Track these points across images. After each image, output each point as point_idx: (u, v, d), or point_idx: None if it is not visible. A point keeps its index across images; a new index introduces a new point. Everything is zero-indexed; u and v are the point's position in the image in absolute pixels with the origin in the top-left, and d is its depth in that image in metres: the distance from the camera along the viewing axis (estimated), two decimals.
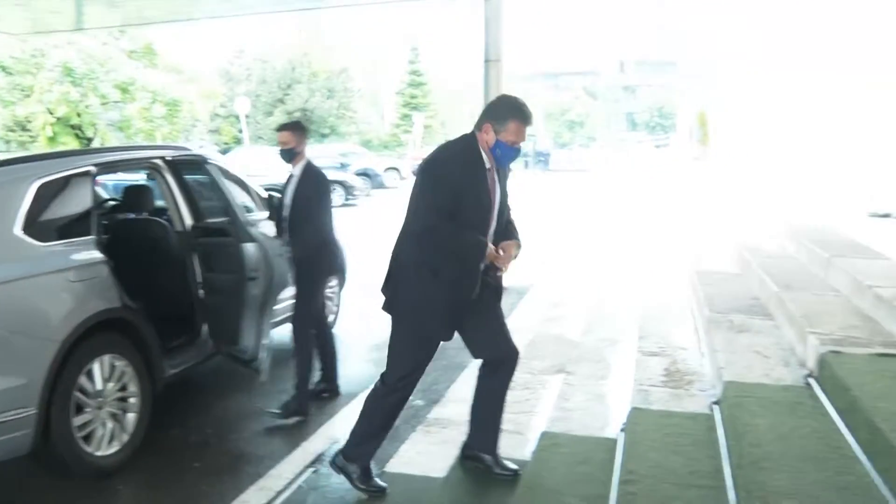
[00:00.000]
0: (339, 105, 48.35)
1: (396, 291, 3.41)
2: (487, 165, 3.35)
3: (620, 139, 57.39)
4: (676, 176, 25.23)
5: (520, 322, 6.29)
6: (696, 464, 3.14)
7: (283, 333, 5.21)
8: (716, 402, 3.73)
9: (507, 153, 3.34)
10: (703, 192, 17.13)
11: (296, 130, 4.77)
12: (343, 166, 25.26)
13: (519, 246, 3.41)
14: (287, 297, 4.94)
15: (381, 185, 27.44)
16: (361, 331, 6.72)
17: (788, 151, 13.30)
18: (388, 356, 3.50)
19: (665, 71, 56.22)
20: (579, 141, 58.59)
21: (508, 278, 3.63)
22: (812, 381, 3.68)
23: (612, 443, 3.59)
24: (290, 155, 4.73)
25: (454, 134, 3.47)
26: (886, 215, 8.18)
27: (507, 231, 3.46)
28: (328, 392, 5.02)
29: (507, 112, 3.31)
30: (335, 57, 51.31)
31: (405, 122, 51.46)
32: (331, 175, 5.23)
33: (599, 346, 5.52)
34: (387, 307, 3.46)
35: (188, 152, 5.38)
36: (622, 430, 3.64)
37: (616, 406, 4.15)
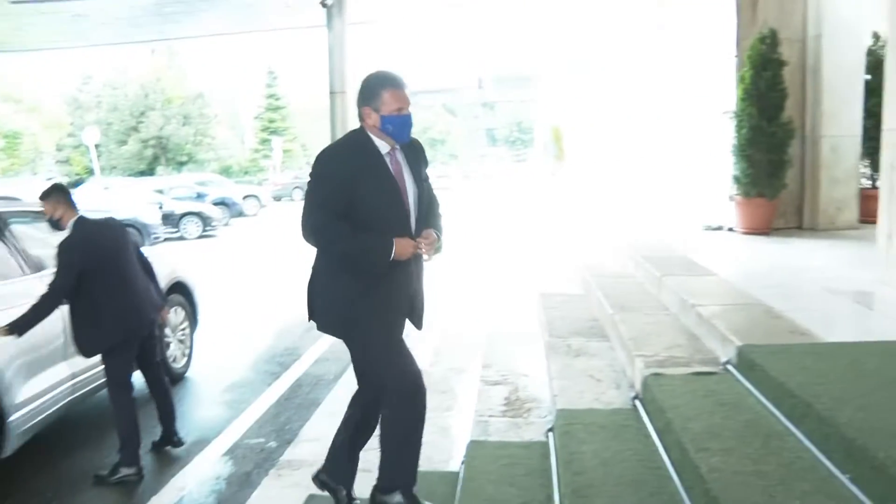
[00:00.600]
0: (197, 131, 47.13)
1: (321, 304, 3.28)
2: (384, 150, 3.22)
3: (482, 155, 58.77)
4: (533, 192, 26.05)
5: None
6: (528, 494, 3.27)
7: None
8: (550, 430, 3.89)
9: (399, 124, 3.19)
10: (556, 210, 17.77)
11: (50, 198, 4.42)
12: (200, 196, 24.67)
13: (438, 237, 3.29)
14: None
15: (240, 214, 27.01)
16: (214, 373, 6.61)
17: (634, 168, 14.03)
18: (360, 370, 3.36)
19: (522, 86, 57.95)
20: (441, 158, 59.52)
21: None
22: (638, 403, 3.91)
23: (455, 476, 3.69)
24: (55, 224, 4.44)
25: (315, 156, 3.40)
26: (719, 228, 8.76)
27: (428, 223, 3.31)
28: (170, 443, 4.87)
29: (376, 86, 3.20)
30: (190, 82, 49.99)
31: (265, 147, 50.68)
32: (187, 206, 5.11)
33: (447, 376, 5.65)
34: (323, 325, 3.31)
35: None
36: (462, 463, 3.75)
37: (460, 438, 4.26)
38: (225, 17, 19.29)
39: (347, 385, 5.05)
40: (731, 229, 8.53)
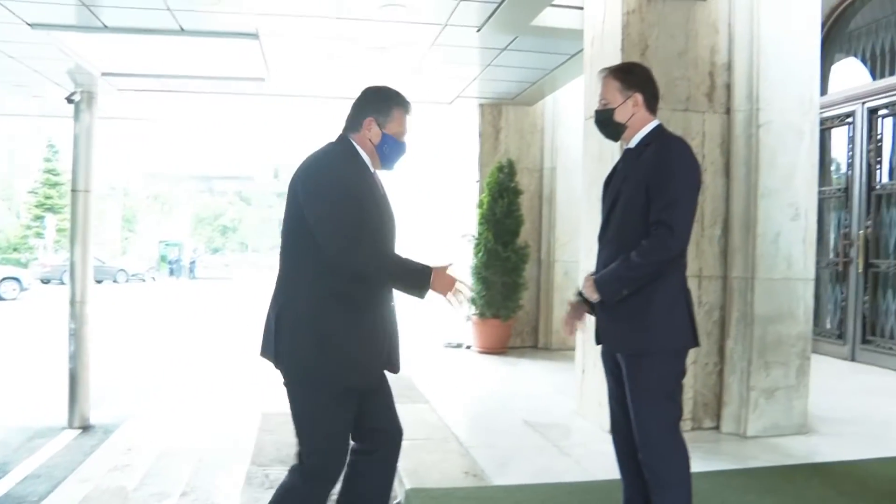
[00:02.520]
0: None
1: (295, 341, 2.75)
2: (372, 170, 2.90)
3: (273, 246, 57.83)
4: None
5: (85, 471, 5.75)
6: None
7: None
8: None
9: (395, 149, 2.89)
10: None
11: None
12: None
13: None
14: None
15: None
16: None
17: None
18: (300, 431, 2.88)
19: None
20: (231, 247, 58.03)
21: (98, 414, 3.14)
22: None
23: None
24: None
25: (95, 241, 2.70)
26: (459, 345, 8.94)
27: None
28: None
29: (389, 101, 2.90)
30: None
31: (38, 224, 47.08)
32: None
33: (148, 503, 5.20)
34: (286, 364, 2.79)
35: None
36: None
37: None
38: None
39: None
40: (468, 347, 8.73)
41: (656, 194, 2.77)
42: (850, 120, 7.91)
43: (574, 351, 8.61)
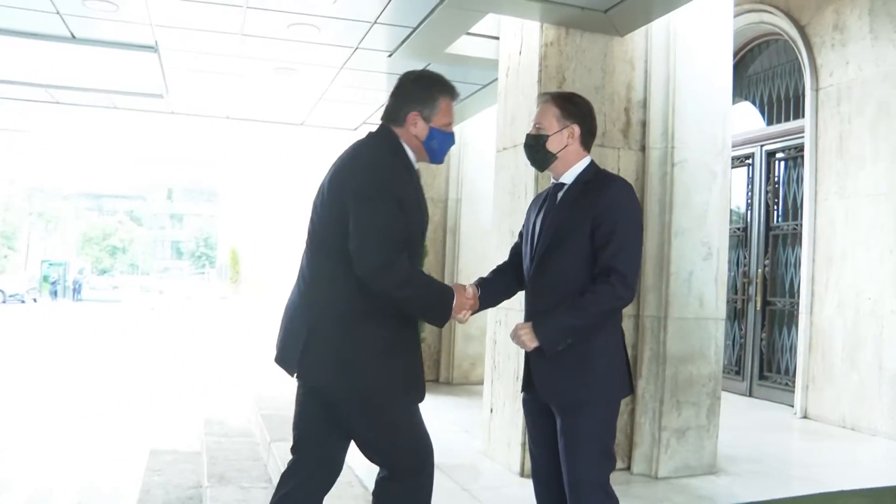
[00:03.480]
0: None
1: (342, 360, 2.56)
2: (416, 166, 2.72)
3: (165, 268, 55.94)
4: (205, 315, 24.84)
5: None
6: None
7: None
8: None
9: (444, 142, 2.71)
10: (221, 338, 16.88)
11: None
12: None
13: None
14: None
15: None
16: None
17: None
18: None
19: (211, 200, 56.80)
20: (120, 268, 55.69)
21: None
22: None
23: None
24: None
25: None
26: None
27: None
28: None
29: (432, 89, 2.67)
30: None
31: None
32: None
33: None
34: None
35: None
36: None
37: None
38: None
39: None
40: None
41: (605, 239, 2.60)
42: (749, 161, 8.12)
43: (477, 386, 8.49)
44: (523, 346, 2.67)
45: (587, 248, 2.62)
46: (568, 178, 2.78)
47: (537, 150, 2.77)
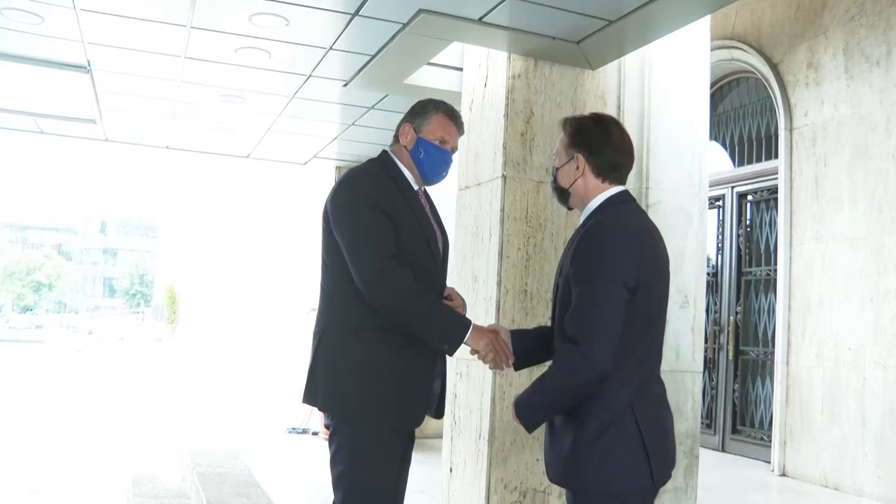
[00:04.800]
0: None
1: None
2: (416, 187, 2.73)
3: (95, 307, 54.57)
4: (136, 359, 24.10)
5: None
6: None
7: None
8: None
9: (433, 156, 2.72)
10: (153, 385, 16.31)
11: None
12: None
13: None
14: None
15: None
16: None
17: (239, 351, 13.39)
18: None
19: (149, 234, 55.84)
20: (46, 306, 54.17)
21: None
22: None
23: None
24: None
25: None
26: (304, 431, 8.35)
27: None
28: None
29: (428, 106, 2.76)
30: None
31: None
32: None
33: None
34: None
35: None
36: None
37: None
38: None
39: None
40: (315, 433, 8.18)
41: (572, 297, 2.30)
42: (719, 203, 8.13)
43: (434, 440, 8.24)
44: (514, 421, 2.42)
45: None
46: (582, 216, 2.50)
47: (553, 186, 2.55)
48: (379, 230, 2.54)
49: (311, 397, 2.70)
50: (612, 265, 2.24)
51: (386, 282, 2.50)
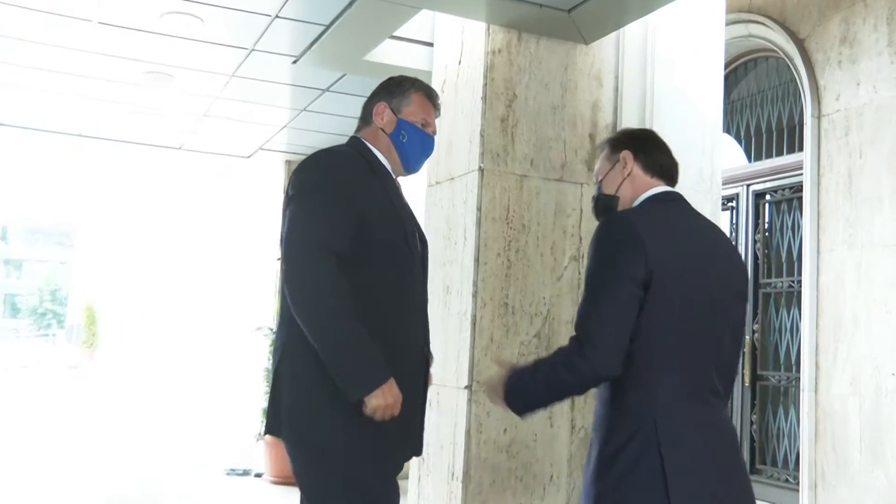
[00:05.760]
0: None
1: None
2: (393, 175, 2.81)
3: None
4: (45, 390, 23.86)
5: None
6: None
7: None
8: None
9: (416, 140, 2.79)
10: (65, 420, 16.12)
11: None
12: None
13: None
14: None
15: None
16: None
17: (169, 379, 13.29)
18: None
19: (63, 243, 55.28)
20: None
21: None
22: None
23: None
24: None
25: None
26: (245, 473, 8.33)
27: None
28: None
29: (406, 83, 2.84)
30: None
31: None
32: None
33: None
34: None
35: None
36: None
37: None
38: None
39: None
40: (258, 475, 8.16)
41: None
42: (732, 204, 8.17)
43: (399, 480, 8.22)
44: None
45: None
46: None
47: (597, 202, 2.69)
48: (335, 218, 2.49)
49: (274, 426, 2.64)
50: (615, 268, 2.38)
51: (302, 279, 2.44)
